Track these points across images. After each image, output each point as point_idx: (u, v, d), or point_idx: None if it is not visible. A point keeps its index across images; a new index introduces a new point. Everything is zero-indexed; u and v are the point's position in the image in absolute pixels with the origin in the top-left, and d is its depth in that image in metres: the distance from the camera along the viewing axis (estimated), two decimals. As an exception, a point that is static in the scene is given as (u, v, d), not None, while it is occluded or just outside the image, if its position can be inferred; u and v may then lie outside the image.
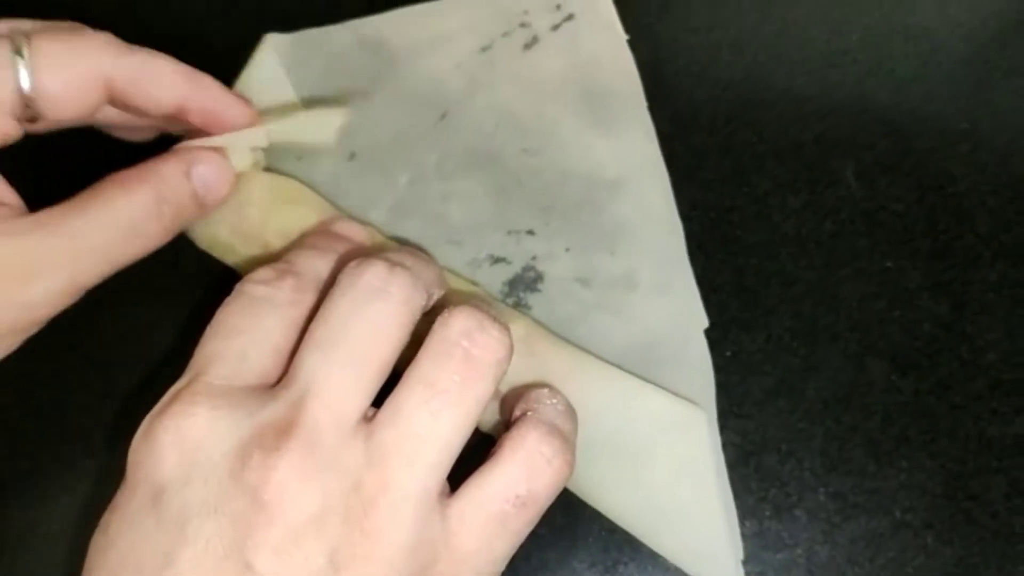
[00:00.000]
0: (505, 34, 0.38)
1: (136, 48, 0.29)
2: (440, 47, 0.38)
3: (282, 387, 0.25)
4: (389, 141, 0.36)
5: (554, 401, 0.28)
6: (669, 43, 0.39)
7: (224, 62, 0.35)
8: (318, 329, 0.25)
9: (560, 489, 0.26)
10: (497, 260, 0.34)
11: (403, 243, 0.34)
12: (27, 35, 0.27)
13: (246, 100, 0.33)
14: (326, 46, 0.38)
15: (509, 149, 0.36)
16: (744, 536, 0.31)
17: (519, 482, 0.25)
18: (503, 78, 0.37)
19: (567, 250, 0.34)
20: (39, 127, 0.29)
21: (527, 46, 0.37)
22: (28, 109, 0.28)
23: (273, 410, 0.24)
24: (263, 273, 0.27)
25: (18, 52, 0.27)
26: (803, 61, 0.39)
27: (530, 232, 0.34)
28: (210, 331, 0.26)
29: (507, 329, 0.26)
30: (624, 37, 0.37)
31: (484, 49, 0.37)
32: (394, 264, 0.26)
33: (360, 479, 0.23)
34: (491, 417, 0.30)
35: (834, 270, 0.35)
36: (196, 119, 0.31)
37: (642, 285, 0.34)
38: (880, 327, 0.34)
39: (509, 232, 0.35)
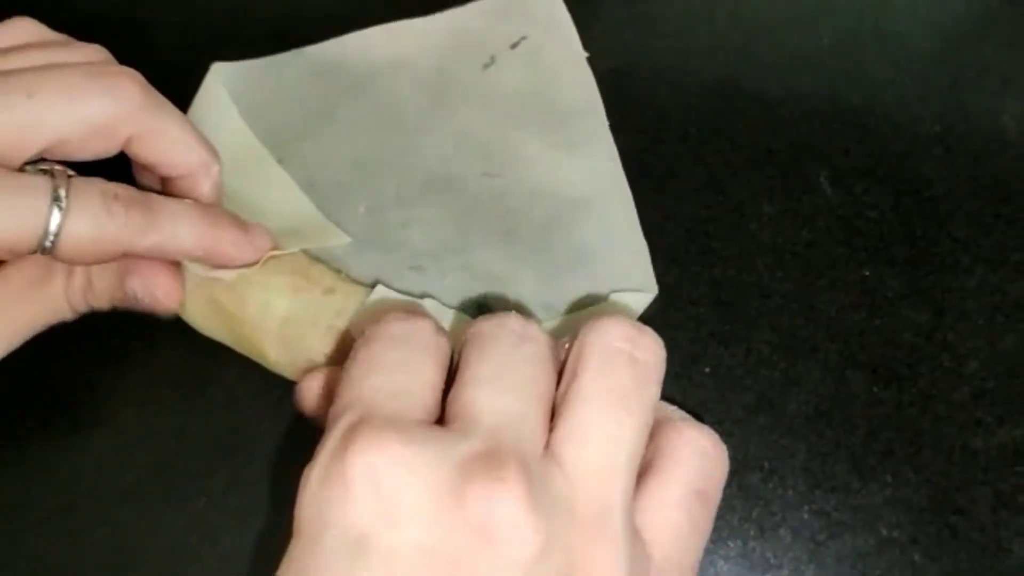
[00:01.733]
0: (463, 55, 0.37)
1: (155, 201, 0.28)
2: (397, 71, 0.37)
3: (465, 422, 0.23)
4: (347, 169, 0.35)
5: (696, 447, 0.26)
6: (638, 50, 0.38)
7: (189, 86, 0.34)
8: (481, 367, 0.24)
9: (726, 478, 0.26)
10: (460, 284, 0.33)
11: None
12: (67, 175, 0.27)
13: (264, 240, 0.31)
14: (278, 74, 0.37)
15: (470, 172, 0.35)
16: (728, 557, 0.31)
17: (695, 478, 0.25)
18: (462, 100, 0.36)
19: (532, 274, 0.33)
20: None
21: (486, 66, 0.36)
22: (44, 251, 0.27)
23: (471, 444, 0.22)
24: (397, 314, 0.26)
25: (56, 199, 0.26)
26: (774, 66, 0.38)
27: (494, 256, 0.33)
28: (359, 369, 0.24)
29: (654, 333, 0.26)
30: (583, 55, 0.36)
31: (442, 71, 0.36)
32: (527, 315, 0.26)
33: (571, 504, 0.22)
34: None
35: (812, 280, 0.34)
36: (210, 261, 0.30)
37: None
38: (860, 338, 0.33)
39: (472, 256, 0.33)
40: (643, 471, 0.25)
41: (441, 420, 0.24)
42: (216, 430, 0.32)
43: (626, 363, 0.24)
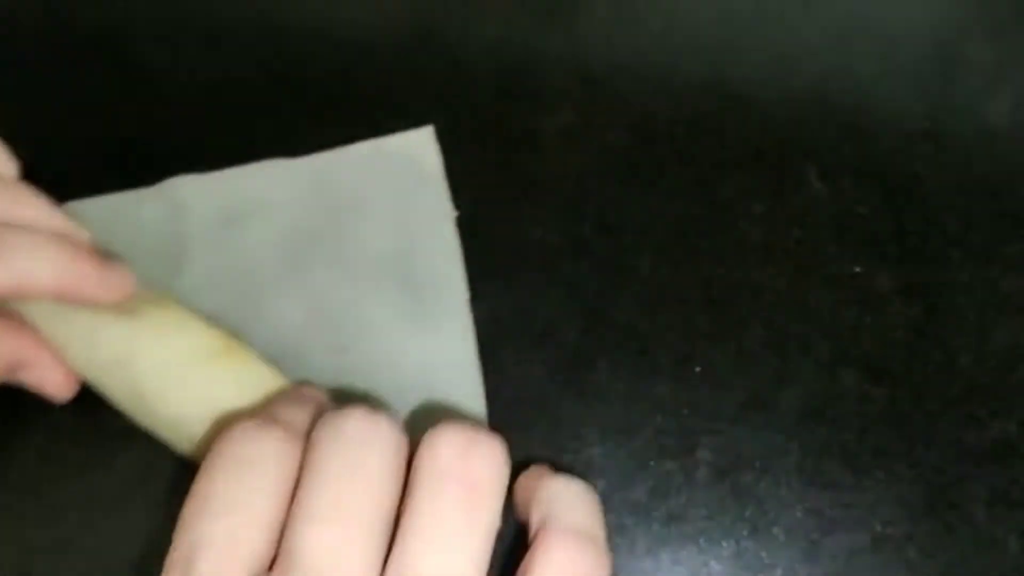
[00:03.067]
0: (326, 207, 0.34)
1: (7, 235, 0.26)
2: (256, 218, 0.34)
3: (288, 562, 0.22)
4: None
5: (571, 495, 0.26)
6: (625, 49, 0.38)
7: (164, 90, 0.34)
8: (311, 498, 0.23)
9: None
10: None
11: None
12: None
13: (128, 276, 0.29)
14: (133, 214, 0.34)
15: (318, 346, 0.33)
16: (721, 558, 0.30)
17: None
18: (321, 258, 0.34)
19: None
20: None
21: (349, 220, 0.34)
22: None
23: None
24: (247, 425, 0.24)
25: None
26: (762, 64, 0.38)
27: None
28: (193, 507, 0.23)
29: (497, 436, 0.24)
30: (452, 213, 0.34)
31: (301, 224, 0.34)
32: (372, 410, 0.24)
33: None
34: None
35: (802, 277, 0.34)
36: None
37: None
38: (851, 335, 0.33)
39: None
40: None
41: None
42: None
43: (456, 486, 0.23)
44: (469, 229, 0.35)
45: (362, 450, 0.23)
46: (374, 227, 0.34)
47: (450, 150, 0.36)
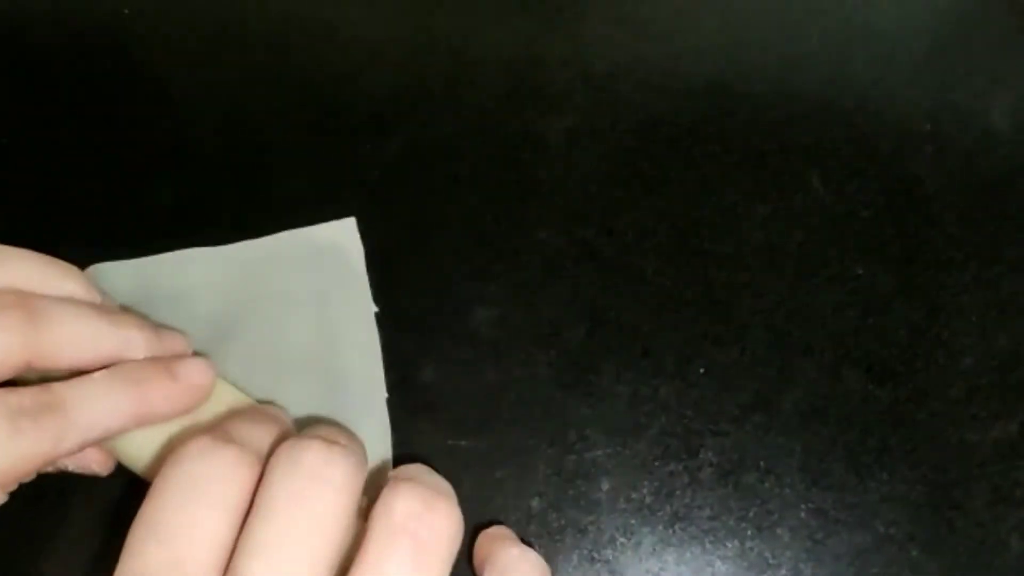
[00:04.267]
0: (248, 298, 0.34)
1: (66, 394, 0.25)
2: (175, 306, 0.33)
3: None
4: None
5: (524, 567, 0.26)
6: (628, 52, 0.38)
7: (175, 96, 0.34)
8: (257, 530, 0.22)
9: None
10: None
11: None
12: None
13: (200, 375, 0.28)
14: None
15: None
16: (726, 558, 0.31)
17: None
18: (238, 351, 0.33)
19: None
20: None
21: (270, 313, 0.34)
22: None
23: None
24: (200, 444, 0.23)
25: None
26: (764, 67, 0.38)
27: None
28: (140, 531, 0.22)
29: (453, 498, 0.24)
30: (373, 310, 0.34)
31: (218, 314, 0.33)
32: (331, 443, 0.24)
33: None
34: None
35: (805, 279, 0.34)
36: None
37: None
38: (854, 336, 0.33)
39: None
40: None
41: None
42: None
43: (408, 546, 0.23)
44: (474, 232, 0.35)
45: (315, 485, 0.23)
46: (295, 319, 0.34)
47: (455, 154, 0.37)
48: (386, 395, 0.32)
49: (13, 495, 0.25)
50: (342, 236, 0.35)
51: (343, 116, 0.37)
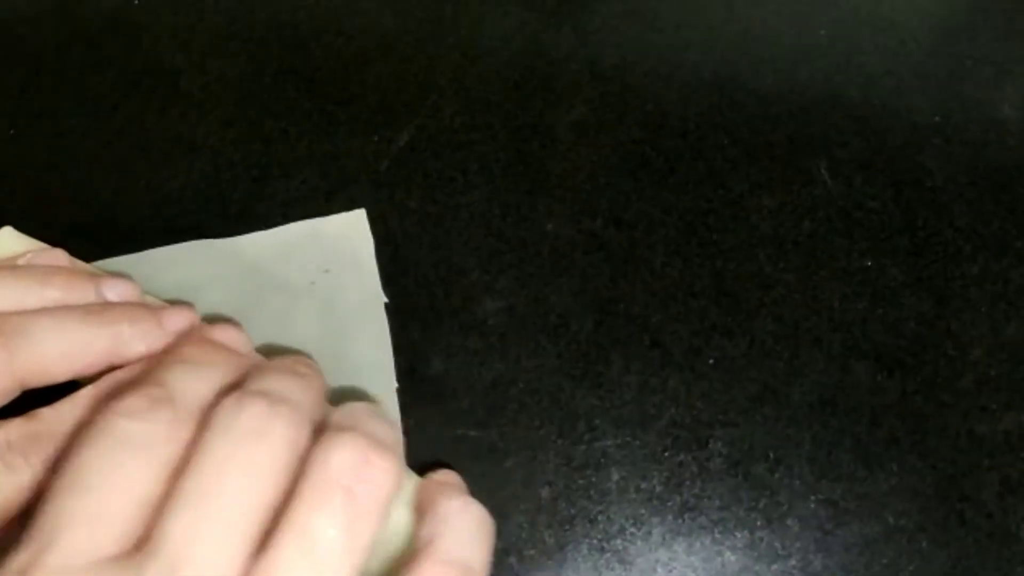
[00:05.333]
0: (255, 289, 0.34)
1: (51, 421, 0.25)
2: (189, 296, 0.33)
3: (147, 556, 0.20)
4: None
5: (464, 521, 0.24)
6: (636, 44, 0.38)
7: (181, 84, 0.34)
8: (189, 481, 0.21)
9: None
10: None
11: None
12: None
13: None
14: None
15: None
16: (735, 548, 0.31)
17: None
18: (254, 338, 0.32)
19: None
20: None
21: (277, 304, 0.34)
22: None
23: None
24: (132, 403, 0.22)
25: None
26: (771, 59, 0.38)
27: None
28: (61, 483, 0.21)
29: (393, 448, 0.23)
30: (383, 299, 0.34)
31: (226, 306, 0.33)
32: (276, 401, 0.23)
33: None
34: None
35: (814, 271, 0.34)
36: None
37: None
38: (863, 327, 0.33)
39: None
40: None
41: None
42: None
43: (341, 503, 0.21)
44: (483, 223, 0.35)
45: (252, 442, 0.22)
46: (305, 310, 0.34)
47: (464, 145, 0.37)
48: (396, 385, 0.32)
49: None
50: (352, 228, 0.35)
51: (353, 108, 0.37)
